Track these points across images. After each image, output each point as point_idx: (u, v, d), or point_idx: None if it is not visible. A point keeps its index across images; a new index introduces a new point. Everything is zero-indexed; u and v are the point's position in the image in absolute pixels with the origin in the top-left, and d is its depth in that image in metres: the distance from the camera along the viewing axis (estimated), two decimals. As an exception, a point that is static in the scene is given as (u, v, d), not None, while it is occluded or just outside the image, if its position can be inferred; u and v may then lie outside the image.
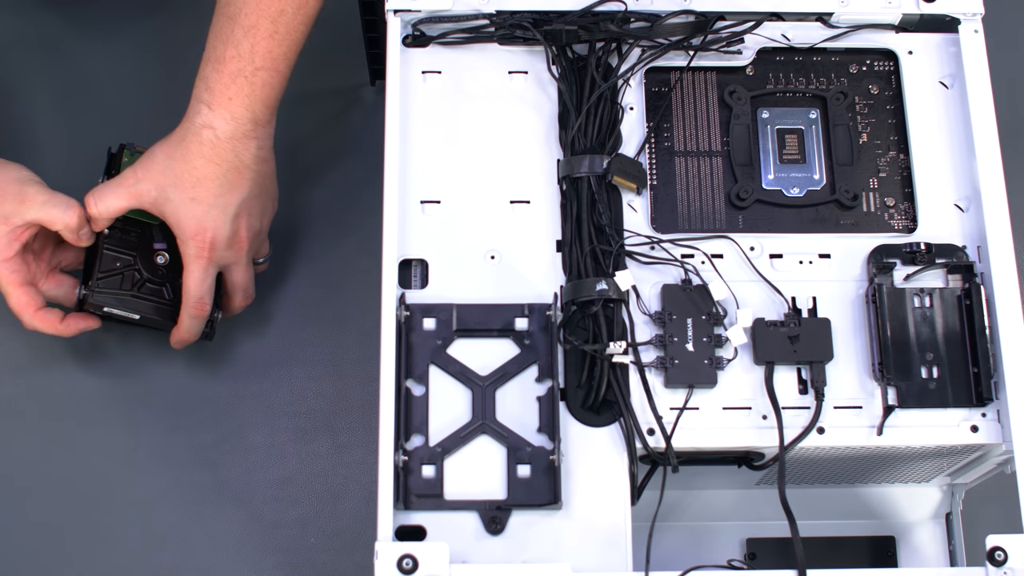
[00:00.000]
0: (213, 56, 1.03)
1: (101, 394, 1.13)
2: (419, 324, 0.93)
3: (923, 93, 1.01)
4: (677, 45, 1.01)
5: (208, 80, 1.03)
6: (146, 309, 1.07)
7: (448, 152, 0.98)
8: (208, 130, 1.03)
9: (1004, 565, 0.88)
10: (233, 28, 1.02)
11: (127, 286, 1.07)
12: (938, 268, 0.96)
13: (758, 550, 1.06)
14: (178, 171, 1.03)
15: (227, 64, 1.02)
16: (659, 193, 0.99)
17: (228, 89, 1.02)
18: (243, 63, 1.02)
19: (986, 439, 0.93)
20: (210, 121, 1.03)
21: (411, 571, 0.85)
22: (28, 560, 1.09)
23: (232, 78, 1.02)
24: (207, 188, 1.03)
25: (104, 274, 1.07)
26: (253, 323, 1.13)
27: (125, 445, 1.12)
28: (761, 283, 0.96)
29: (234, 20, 1.02)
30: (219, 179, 1.03)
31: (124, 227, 1.08)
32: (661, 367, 0.93)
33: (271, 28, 1.02)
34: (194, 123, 1.03)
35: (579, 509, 0.90)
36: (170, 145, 1.04)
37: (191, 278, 1.05)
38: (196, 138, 1.03)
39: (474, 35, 1.01)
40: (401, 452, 0.90)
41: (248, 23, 1.02)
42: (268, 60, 1.03)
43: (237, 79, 1.02)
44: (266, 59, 1.03)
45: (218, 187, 1.03)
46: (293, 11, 1.03)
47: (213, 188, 1.03)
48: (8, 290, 1.05)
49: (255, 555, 1.09)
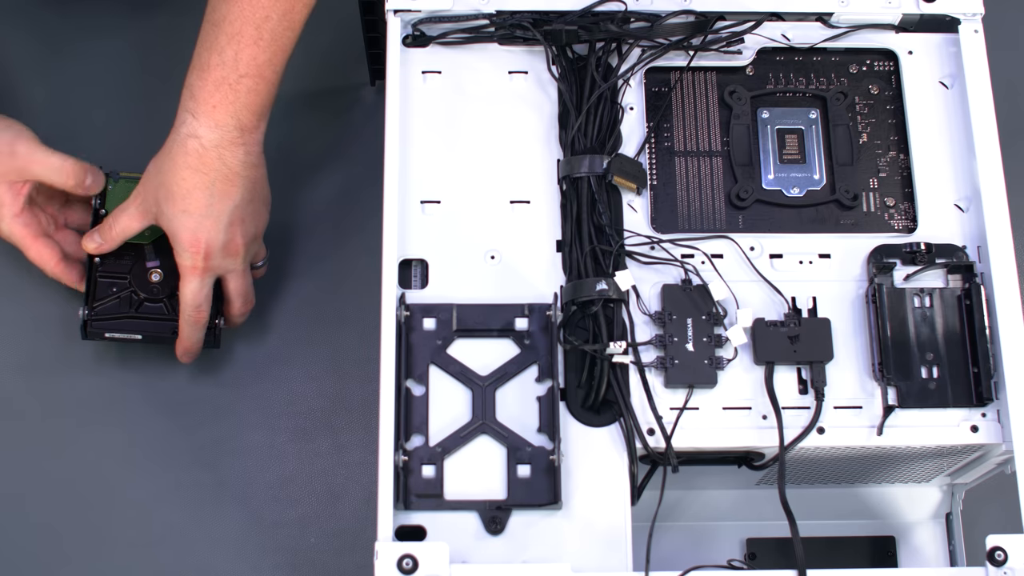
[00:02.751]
0: (198, 64, 1.02)
1: (101, 394, 1.13)
2: (419, 324, 0.93)
3: (923, 93, 1.01)
4: (677, 45, 1.01)
5: (192, 88, 1.02)
6: (147, 328, 1.08)
7: (448, 152, 0.98)
8: (193, 139, 1.01)
9: (1004, 565, 0.88)
10: (217, 35, 1.01)
11: (125, 308, 1.08)
12: (938, 268, 0.96)
13: (758, 550, 1.06)
14: (168, 184, 1.03)
15: (211, 72, 1.01)
16: (659, 193, 0.99)
17: (212, 97, 1.01)
18: (227, 70, 1.01)
19: (986, 439, 0.93)
20: (195, 130, 1.01)
21: (411, 571, 0.85)
22: (28, 560, 1.09)
23: (216, 86, 1.01)
24: (196, 199, 1.02)
25: (101, 301, 1.07)
26: (253, 323, 1.13)
27: (125, 445, 1.12)
28: (761, 283, 0.96)
29: (218, 27, 1.01)
30: (208, 188, 1.02)
31: (117, 251, 1.08)
32: (661, 367, 0.93)
33: (255, 35, 1.00)
34: (180, 133, 1.02)
35: (579, 509, 0.90)
36: (160, 158, 1.04)
37: (188, 288, 1.05)
38: (182, 148, 1.02)
39: (474, 35, 1.01)
40: (401, 452, 0.90)
41: (232, 30, 1.00)
42: (253, 67, 1.01)
43: (221, 87, 1.01)
44: (250, 66, 1.01)
45: (208, 196, 1.02)
46: (278, 17, 1.01)
47: (203, 198, 1.02)
48: (26, 243, 1.06)
49: (255, 555, 1.09)
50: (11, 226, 1.06)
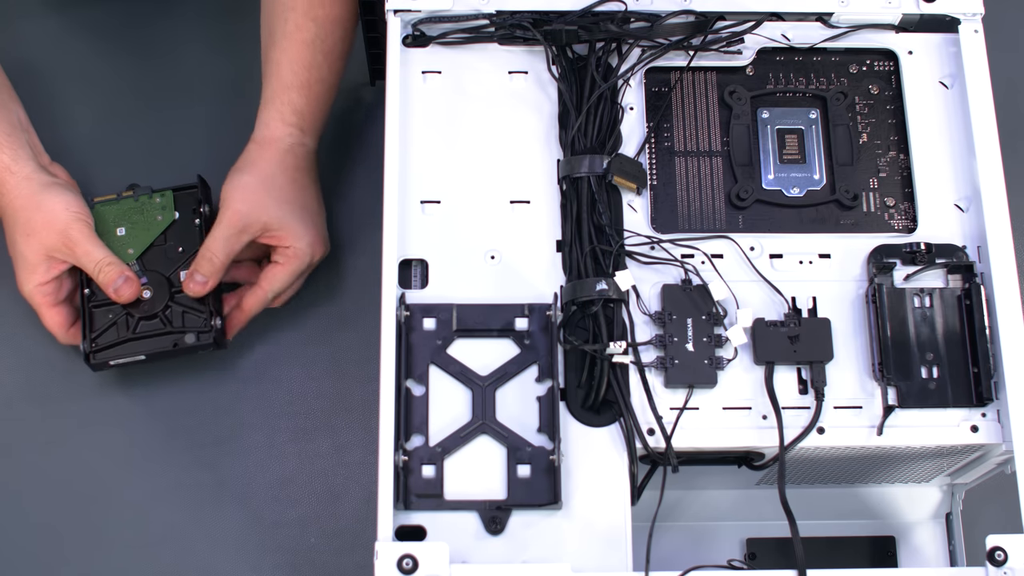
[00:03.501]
0: (295, 82, 1.10)
1: (101, 394, 1.13)
2: (419, 324, 0.93)
3: (923, 93, 1.01)
4: (677, 45, 1.01)
5: (296, 105, 1.10)
6: (148, 346, 1.08)
7: (448, 152, 0.98)
8: (301, 147, 1.11)
9: (1004, 565, 0.88)
10: (314, 54, 1.10)
11: (123, 332, 1.08)
12: (938, 268, 0.96)
13: (758, 550, 1.06)
14: (280, 188, 1.09)
15: (312, 88, 1.10)
16: (659, 193, 0.99)
17: (315, 112, 1.12)
18: (323, 87, 1.11)
19: (986, 439, 0.93)
20: (302, 141, 1.11)
21: (411, 571, 0.85)
22: (28, 560, 1.09)
23: (318, 102, 1.11)
24: (311, 195, 1.12)
25: (99, 331, 1.08)
26: (253, 323, 1.13)
27: (125, 445, 1.12)
28: (761, 283, 0.96)
29: (313, 47, 1.10)
30: (315, 191, 1.12)
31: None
32: (661, 367, 0.93)
33: (341, 51, 1.12)
34: (283, 144, 1.10)
35: (579, 509, 0.90)
36: (260, 168, 1.09)
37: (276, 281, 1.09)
38: (291, 156, 1.10)
39: (474, 35, 1.01)
40: (401, 452, 0.90)
41: (326, 48, 1.11)
42: (339, 76, 1.13)
43: (321, 102, 1.12)
44: (339, 74, 1.13)
45: (317, 193, 1.13)
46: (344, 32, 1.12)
47: (316, 195, 1.13)
48: (41, 311, 1.08)
49: (255, 555, 1.09)
50: (33, 292, 1.08)
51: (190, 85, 1.23)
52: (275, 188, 1.09)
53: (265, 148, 1.10)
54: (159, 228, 1.10)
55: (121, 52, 1.25)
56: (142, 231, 1.10)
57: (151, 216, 1.11)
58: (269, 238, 1.08)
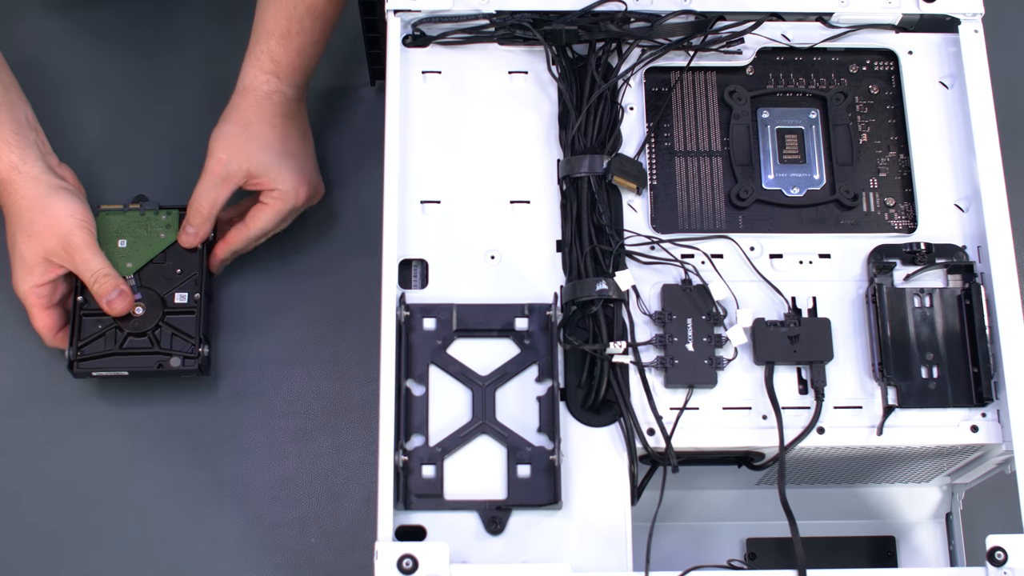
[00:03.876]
0: (276, 30, 1.10)
1: (101, 395, 1.13)
2: (419, 324, 0.93)
3: (923, 93, 1.01)
4: (677, 45, 1.01)
5: (274, 54, 1.10)
6: (133, 363, 1.08)
7: (448, 152, 0.98)
8: (278, 94, 1.11)
9: (1004, 565, 0.88)
10: (296, 5, 1.10)
11: (110, 345, 1.08)
12: (938, 268, 0.96)
13: (758, 550, 1.06)
14: (260, 134, 1.10)
15: (292, 39, 1.10)
16: (659, 193, 0.99)
17: (294, 62, 1.11)
18: (305, 38, 1.11)
19: (986, 439, 0.93)
20: (278, 88, 1.11)
21: (411, 571, 0.85)
22: (28, 561, 1.09)
23: (298, 52, 1.11)
24: (294, 140, 1.12)
25: (86, 340, 1.08)
26: (253, 323, 1.13)
27: (125, 445, 1.12)
28: (761, 283, 0.96)
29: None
30: (302, 134, 1.13)
31: None
32: (661, 367, 0.93)
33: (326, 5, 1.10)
34: (259, 91, 1.10)
35: (579, 509, 0.90)
36: (234, 121, 1.10)
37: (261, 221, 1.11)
38: (267, 102, 1.10)
39: (474, 35, 1.01)
40: (401, 452, 0.90)
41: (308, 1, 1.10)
42: (322, 35, 1.12)
43: (302, 53, 1.11)
44: (322, 33, 1.12)
45: (303, 138, 1.13)
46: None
47: (300, 139, 1.13)
48: (33, 312, 1.09)
49: (255, 555, 1.09)
50: (28, 293, 1.08)
51: (195, 86, 1.23)
52: (256, 135, 1.10)
53: (244, 96, 1.11)
54: (160, 246, 1.10)
55: (127, 53, 1.25)
56: (143, 246, 1.10)
57: (154, 233, 1.11)
58: (254, 184, 1.10)
